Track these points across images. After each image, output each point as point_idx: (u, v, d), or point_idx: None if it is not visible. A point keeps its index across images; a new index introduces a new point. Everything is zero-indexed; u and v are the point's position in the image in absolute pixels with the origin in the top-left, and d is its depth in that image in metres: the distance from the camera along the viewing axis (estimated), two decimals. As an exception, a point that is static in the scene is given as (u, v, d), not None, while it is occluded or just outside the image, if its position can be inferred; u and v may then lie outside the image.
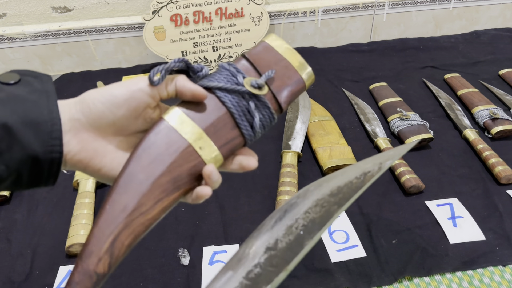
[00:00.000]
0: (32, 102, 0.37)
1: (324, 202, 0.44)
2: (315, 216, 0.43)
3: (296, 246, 0.40)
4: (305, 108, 0.98)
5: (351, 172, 0.48)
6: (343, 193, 0.45)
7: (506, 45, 1.27)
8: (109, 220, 0.38)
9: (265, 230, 0.44)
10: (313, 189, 0.46)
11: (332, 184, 0.46)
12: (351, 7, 1.25)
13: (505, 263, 0.67)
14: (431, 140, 0.89)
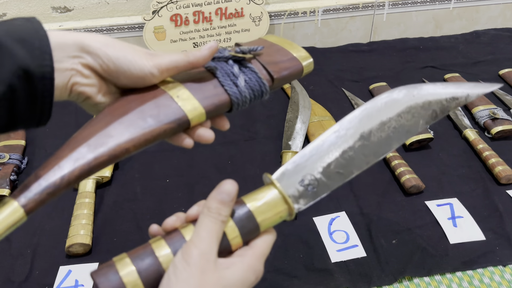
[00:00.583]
0: (18, 24, 0.38)
1: (416, 112, 0.48)
2: (405, 122, 0.47)
3: (385, 145, 0.46)
4: (305, 108, 0.98)
5: (442, 91, 0.49)
6: (432, 111, 0.48)
7: (506, 45, 1.27)
8: (67, 145, 0.40)
9: (361, 115, 0.46)
10: (405, 92, 0.50)
11: (424, 96, 0.49)
12: (351, 7, 1.25)
13: (505, 263, 0.67)
14: (431, 140, 0.89)
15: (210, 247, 0.38)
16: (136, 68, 0.42)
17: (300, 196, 0.43)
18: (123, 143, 0.40)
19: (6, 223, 0.35)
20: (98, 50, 0.41)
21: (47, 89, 0.38)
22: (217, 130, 1.02)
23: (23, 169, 0.87)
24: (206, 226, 0.38)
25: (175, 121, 0.43)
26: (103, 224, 0.75)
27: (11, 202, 0.36)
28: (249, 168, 0.86)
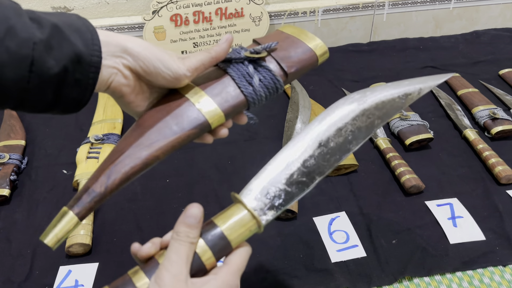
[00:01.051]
0: (73, 18, 0.44)
1: (370, 113, 0.50)
2: (361, 125, 0.49)
3: (343, 149, 0.48)
4: (305, 108, 0.98)
5: (394, 90, 0.52)
6: (386, 109, 0.50)
7: (506, 45, 1.27)
8: (109, 157, 0.47)
9: (316, 126, 0.49)
10: (359, 97, 0.51)
11: (377, 97, 0.51)
12: (351, 7, 1.25)
13: (505, 263, 0.67)
14: (431, 140, 0.89)
15: (180, 268, 0.40)
16: (172, 70, 0.46)
17: (268, 208, 0.45)
18: (154, 152, 0.46)
19: (65, 230, 0.42)
20: (139, 54, 0.46)
21: (93, 77, 0.43)
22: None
23: (23, 169, 0.87)
24: (175, 249, 0.41)
25: (197, 127, 0.48)
26: (103, 224, 0.75)
27: (67, 212, 0.43)
28: (249, 168, 0.86)
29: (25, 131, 0.96)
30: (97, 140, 0.87)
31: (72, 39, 0.41)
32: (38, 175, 0.86)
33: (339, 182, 0.82)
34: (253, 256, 0.69)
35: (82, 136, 0.93)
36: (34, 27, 0.40)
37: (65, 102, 0.44)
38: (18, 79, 0.39)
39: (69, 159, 0.88)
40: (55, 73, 0.40)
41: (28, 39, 0.39)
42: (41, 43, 0.39)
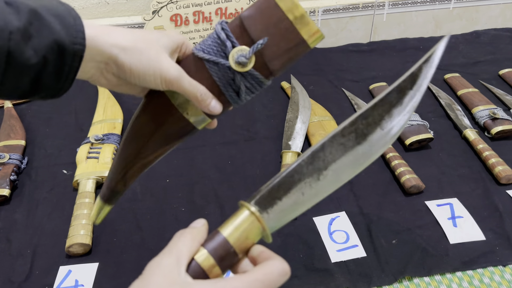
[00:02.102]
0: (53, 3, 0.40)
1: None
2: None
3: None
4: (305, 108, 0.98)
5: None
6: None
7: (506, 45, 1.27)
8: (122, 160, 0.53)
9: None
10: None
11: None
12: (351, 7, 1.25)
13: (505, 263, 0.67)
14: (431, 140, 0.89)
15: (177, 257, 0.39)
16: (162, 80, 0.46)
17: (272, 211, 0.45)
18: (150, 157, 0.53)
19: (96, 209, 0.57)
20: (125, 66, 0.44)
21: (75, 66, 0.41)
22: (217, 130, 1.02)
23: (23, 169, 0.87)
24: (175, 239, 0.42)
25: (188, 133, 0.52)
26: (103, 224, 0.75)
27: (99, 201, 0.56)
28: (249, 168, 0.86)
29: (25, 131, 0.96)
30: (97, 140, 0.87)
31: (53, 26, 0.38)
32: (38, 175, 0.86)
33: (339, 182, 0.82)
34: (253, 256, 0.69)
35: (82, 136, 0.93)
36: (10, 12, 0.36)
37: (44, 90, 0.42)
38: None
39: (69, 159, 0.88)
40: (33, 64, 0.38)
41: (3, 28, 0.36)
42: (18, 31, 0.36)
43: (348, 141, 0.44)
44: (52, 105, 1.07)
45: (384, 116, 0.44)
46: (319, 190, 0.45)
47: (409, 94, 0.45)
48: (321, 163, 0.44)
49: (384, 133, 0.44)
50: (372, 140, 0.44)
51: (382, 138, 0.45)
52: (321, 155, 0.44)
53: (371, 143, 0.44)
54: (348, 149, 0.44)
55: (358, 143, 0.44)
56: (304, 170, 0.44)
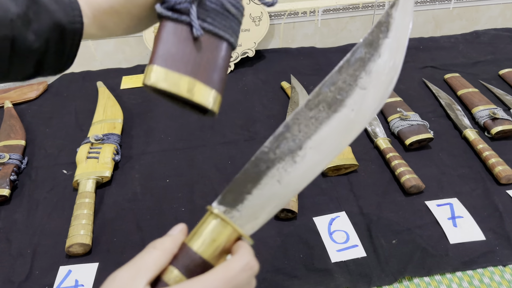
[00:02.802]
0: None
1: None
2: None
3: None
4: (305, 108, 0.98)
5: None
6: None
7: (506, 45, 1.27)
8: None
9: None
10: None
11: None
12: (351, 7, 1.25)
13: (505, 263, 0.67)
14: (431, 140, 0.89)
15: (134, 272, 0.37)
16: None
17: (241, 211, 0.41)
18: None
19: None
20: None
21: (75, 44, 0.42)
22: (217, 130, 1.02)
23: (23, 169, 0.87)
24: (145, 251, 0.39)
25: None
26: (103, 224, 0.75)
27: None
28: (249, 168, 0.86)
29: (25, 131, 0.96)
30: (97, 140, 0.87)
31: (49, 7, 0.39)
32: (38, 175, 0.86)
33: (339, 182, 0.82)
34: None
35: (82, 136, 0.93)
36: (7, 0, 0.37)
37: (47, 70, 0.43)
38: (1, 58, 0.38)
39: (69, 159, 0.88)
40: (36, 48, 0.39)
41: (4, 16, 0.36)
42: (18, 18, 0.37)
43: (319, 113, 0.40)
44: (52, 105, 1.07)
45: (359, 74, 0.40)
46: (302, 172, 0.40)
47: (384, 42, 0.40)
48: (292, 143, 0.40)
49: (367, 91, 0.40)
50: (352, 103, 0.40)
51: (367, 96, 0.40)
52: (288, 135, 0.40)
53: (352, 106, 0.40)
54: (323, 120, 0.40)
55: (335, 111, 0.40)
56: (270, 156, 0.40)
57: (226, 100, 1.07)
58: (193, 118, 1.01)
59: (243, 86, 1.13)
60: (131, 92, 1.11)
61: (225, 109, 1.03)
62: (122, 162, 0.88)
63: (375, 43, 0.41)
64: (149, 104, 1.06)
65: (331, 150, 0.40)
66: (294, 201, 0.74)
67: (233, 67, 1.19)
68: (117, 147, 0.88)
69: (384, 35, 0.41)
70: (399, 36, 0.41)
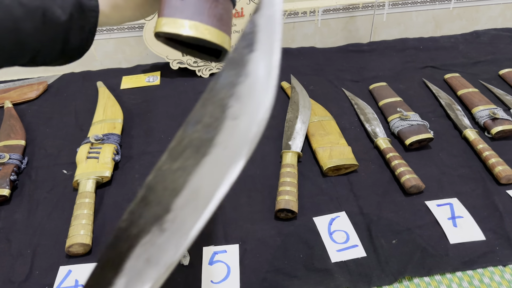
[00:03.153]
0: None
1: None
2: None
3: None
4: (305, 108, 0.98)
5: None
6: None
7: (506, 45, 1.27)
8: None
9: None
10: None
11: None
12: (351, 7, 1.25)
13: (505, 263, 0.67)
14: (431, 140, 0.89)
15: None
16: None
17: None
18: None
19: None
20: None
21: (94, 21, 0.47)
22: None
23: (23, 169, 0.87)
24: None
25: None
26: (103, 224, 0.75)
27: None
28: (249, 168, 0.86)
29: (25, 131, 0.96)
30: (97, 140, 0.87)
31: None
32: (38, 175, 0.86)
33: (339, 182, 0.82)
34: (253, 256, 0.69)
35: (82, 136, 0.93)
36: None
37: (71, 49, 0.47)
38: (35, 31, 0.42)
39: (69, 159, 0.88)
40: (63, 21, 0.43)
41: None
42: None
43: (186, 161, 0.32)
44: (52, 105, 1.07)
45: (227, 103, 0.33)
46: (176, 240, 0.30)
47: (251, 57, 0.34)
48: (157, 207, 0.31)
49: (240, 120, 0.32)
50: (223, 140, 0.32)
51: (241, 125, 0.32)
52: (152, 198, 0.31)
53: (225, 144, 0.32)
54: (192, 169, 0.31)
55: (204, 154, 0.31)
56: (132, 231, 0.31)
57: (226, 100, 1.08)
58: (193, 118, 1.01)
59: (243, 86, 1.12)
60: (131, 92, 1.11)
61: (225, 109, 1.03)
62: (122, 162, 0.88)
63: (241, 60, 0.34)
64: (149, 104, 1.06)
65: (207, 201, 0.31)
66: (294, 201, 0.74)
67: (233, 67, 1.19)
68: (117, 147, 0.88)
69: (250, 49, 0.34)
70: (270, 44, 0.35)
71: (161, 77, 1.17)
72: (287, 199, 0.74)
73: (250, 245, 0.71)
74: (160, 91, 1.11)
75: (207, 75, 1.18)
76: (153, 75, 1.18)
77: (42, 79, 1.17)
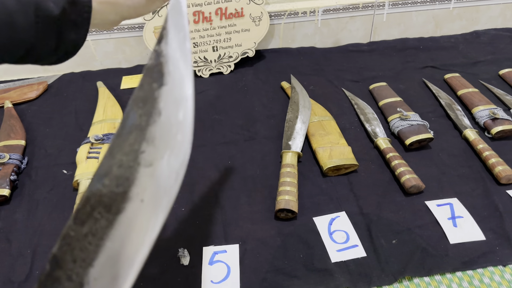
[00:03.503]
0: None
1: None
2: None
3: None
4: (305, 108, 0.98)
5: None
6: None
7: (506, 45, 1.27)
8: None
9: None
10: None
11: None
12: (351, 7, 1.25)
13: (505, 263, 0.67)
14: (431, 140, 0.89)
15: None
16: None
17: None
18: None
19: None
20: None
21: (87, 17, 0.47)
22: (217, 130, 1.02)
23: (23, 169, 0.87)
24: None
25: None
26: (103, 224, 0.75)
27: None
28: (249, 168, 0.86)
29: (25, 131, 0.96)
30: (97, 140, 0.87)
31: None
32: (38, 175, 0.86)
33: (339, 182, 0.82)
34: (253, 256, 0.69)
35: (82, 136, 0.93)
36: None
37: (65, 45, 0.47)
38: (28, 25, 0.42)
39: (69, 159, 0.88)
40: (56, 16, 0.43)
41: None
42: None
43: (96, 223, 0.27)
44: (52, 105, 1.07)
45: (139, 148, 0.28)
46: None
47: (161, 92, 0.30)
48: (69, 284, 0.26)
49: (155, 166, 0.29)
50: (139, 192, 0.28)
51: (158, 171, 0.30)
52: (60, 274, 0.26)
53: (141, 196, 0.28)
54: (104, 232, 0.27)
55: (118, 212, 0.27)
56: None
57: (226, 100, 1.08)
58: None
59: (243, 86, 1.13)
60: (131, 92, 1.10)
61: (225, 109, 1.03)
62: (122, 162, 0.88)
63: (150, 97, 0.30)
64: (149, 104, 1.06)
65: (127, 267, 0.27)
66: (294, 201, 0.74)
67: (233, 67, 1.19)
68: (117, 147, 0.88)
69: (159, 83, 0.30)
70: (180, 74, 0.31)
71: (161, 77, 1.17)
72: (287, 199, 0.74)
73: (250, 245, 0.71)
74: (160, 91, 1.11)
75: (207, 75, 1.18)
76: (153, 75, 1.17)
77: (42, 79, 1.17)
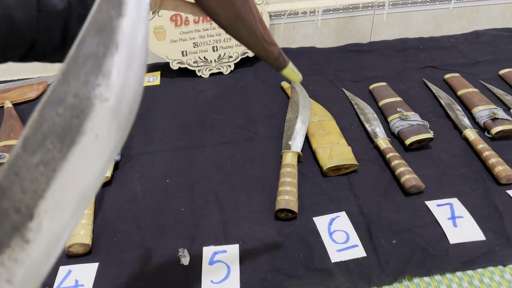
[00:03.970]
0: None
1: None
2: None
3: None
4: (305, 108, 0.98)
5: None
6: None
7: (506, 45, 1.27)
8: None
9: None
10: None
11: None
12: (351, 7, 1.25)
13: (505, 263, 0.67)
14: (431, 140, 0.89)
15: None
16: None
17: None
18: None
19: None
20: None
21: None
22: (217, 130, 1.02)
23: (23, 169, 0.87)
24: None
25: None
26: (103, 224, 0.75)
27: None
28: (249, 168, 0.86)
29: (25, 131, 0.96)
30: (97, 140, 0.87)
31: None
32: (38, 175, 0.86)
33: (339, 182, 0.82)
34: (253, 256, 0.69)
35: (82, 136, 0.93)
36: None
37: (72, 41, 0.43)
38: (29, 19, 0.39)
39: (69, 159, 0.88)
40: (60, 10, 0.41)
41: None
42: None
43: (48, 153, 0.25)
44: (52, 105, 1.07)
45: (95, 80, 0.27)
46: (42, 250, 0.26)
47: (120, 23, 0.28)
48: (16, 216, 0.25)
49: (111, 103, 0.27)
50: (93, 126, 0.27)
51: (114, 110, 0.28)
52: (8, 205, 0.25)
53: (95, 131, 0.27)
54: (57, 163, 0.26)
55: (72, 144, 0.26)
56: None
57: (226, 100, 1.08)
58: (193, 118, 1.01)
59: (243, 86, 1.13)
60: (131, 92, 1.11)
61: (225, 109, 1.03)
62: (122, 162, 0.88)
63: (108, 26, 0.28)
64: (149, 104, 1.06)
65: (79, 200, 0.27)
66: (294, 201, 0.74)
67: (233, 67, 1.19)
68: (117, 147, 0.88)
69: (118, 13, 0.28)
70: (139, 7, 0.29)
71: (161, 77, 1.17)
72: (287, 199, 0.74)
73: (250, 245, 0.71)
74: (160, 91, 1.11)
75: (207, 75, 1.18)
76: (153, 75, 1.18)
77: (42, 79, 1.17)
